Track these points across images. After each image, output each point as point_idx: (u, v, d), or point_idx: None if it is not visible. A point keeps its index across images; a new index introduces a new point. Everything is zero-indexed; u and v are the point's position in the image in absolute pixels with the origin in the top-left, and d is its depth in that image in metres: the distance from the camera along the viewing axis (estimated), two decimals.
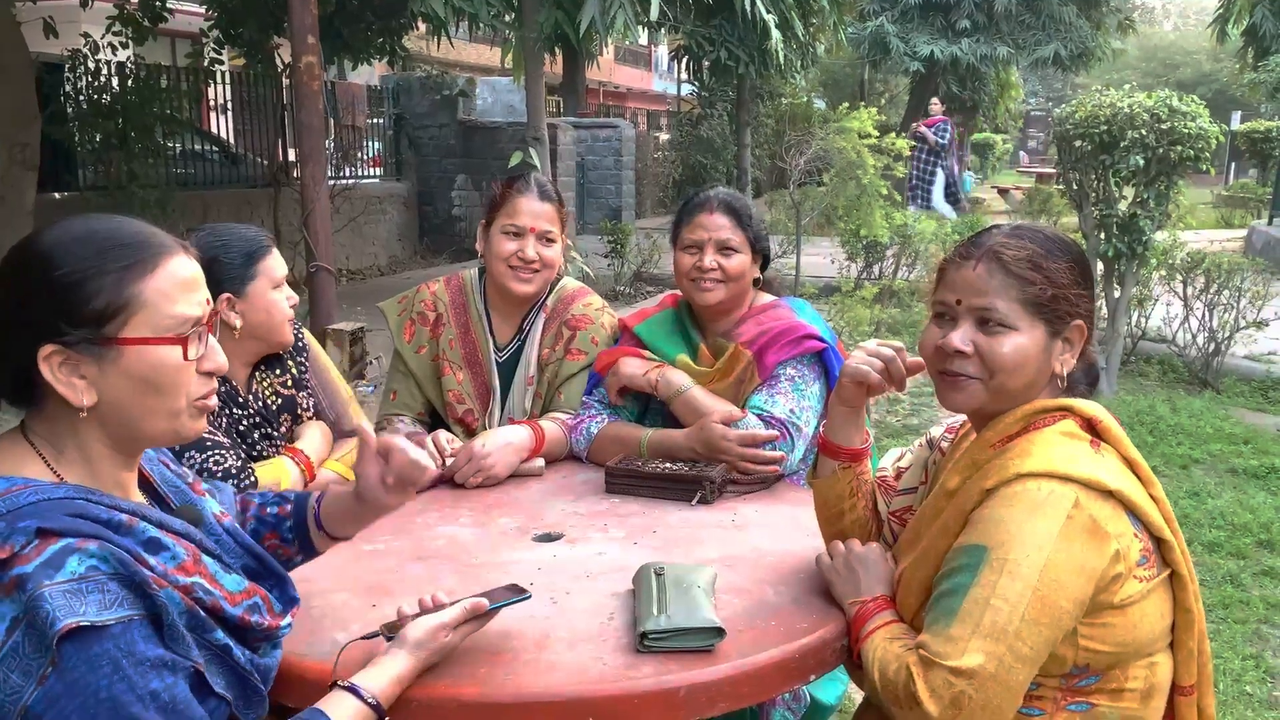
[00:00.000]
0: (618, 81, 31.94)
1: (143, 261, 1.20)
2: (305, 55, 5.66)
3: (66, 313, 1.17)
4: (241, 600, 1.28)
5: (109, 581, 1.10)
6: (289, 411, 2.26)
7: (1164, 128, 5.95)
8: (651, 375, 2.34)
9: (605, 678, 1.39)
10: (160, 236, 1.25)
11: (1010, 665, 1.33)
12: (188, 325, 1.22)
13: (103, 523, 1.15)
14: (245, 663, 1.25)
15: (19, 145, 7.35)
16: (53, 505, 1.13)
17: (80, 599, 1.07)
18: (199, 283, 1.26)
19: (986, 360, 1.49)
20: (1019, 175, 28.83)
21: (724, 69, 13.54)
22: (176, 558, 1.22)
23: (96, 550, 1.11)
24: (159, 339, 1.20)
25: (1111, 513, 1.39)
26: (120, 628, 1.09)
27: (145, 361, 1.20)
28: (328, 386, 2.38)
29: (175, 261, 1.23)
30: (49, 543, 1.10)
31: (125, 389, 1.20)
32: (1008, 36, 18.75)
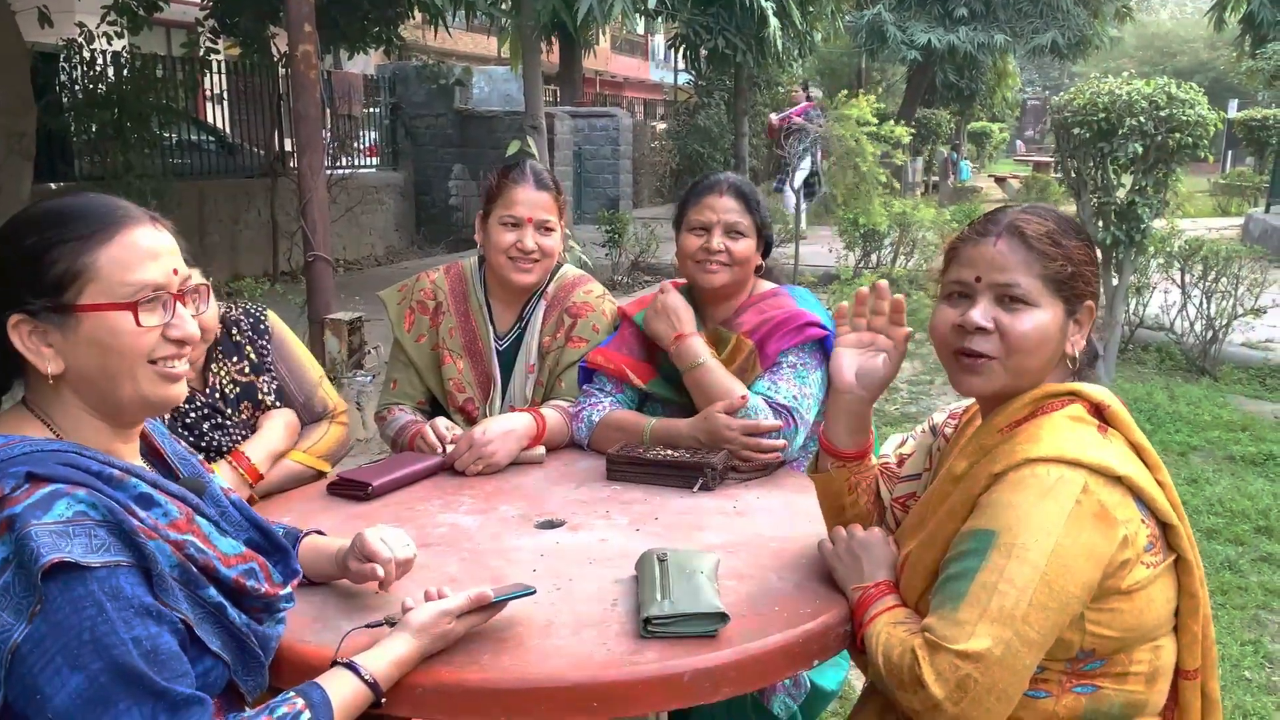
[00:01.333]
0: (614, 71, 31.85)
1: (101, 230, 1.24)
2: (301, 44, 5.64)
3: (30, 282, 1.21)
4: (236, 563, 1.31)
5: (97, 528, 1.14)
6: (249, 399, 2.25)
7: (1162, 115, 5.94)
8: (671, 345, 2.32)
9: (609, 663, 1.39)
10: (125, 209, 1.28)
11: (1017, 649, 1.33)
12: (146, 291, 1.24)
13: (93, 474, 1.19)
14: (241, 625, 1.28)
15: (15, 135, 7.33)
16: (44, 456, 1.18)
17: (67, 539, 1.11)
18: (165, 252, 1.28)
19: (1008, 337, 1.47)
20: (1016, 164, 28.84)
21: (721, 58, 13.49)
22: (169, 515, 1.25)
23: (85, 496, 1.15)
24: (112, 305, 1.23)
25: (1120, 498, 1.39)
26: (106, 571, 1.12)
27: (103, 327, 1.23)
28: (294, 369, 2.36)
29: (137, 231, 1.26)
30: (39, 487, 1.14)
31: (87, 355, 1.23)
32: (1005, 25, 18.70)
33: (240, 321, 2.31)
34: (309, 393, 2.36)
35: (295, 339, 2.42)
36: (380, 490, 2.08)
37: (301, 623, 1.50)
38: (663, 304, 2.37)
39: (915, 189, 19.88)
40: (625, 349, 2.46)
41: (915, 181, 20.65)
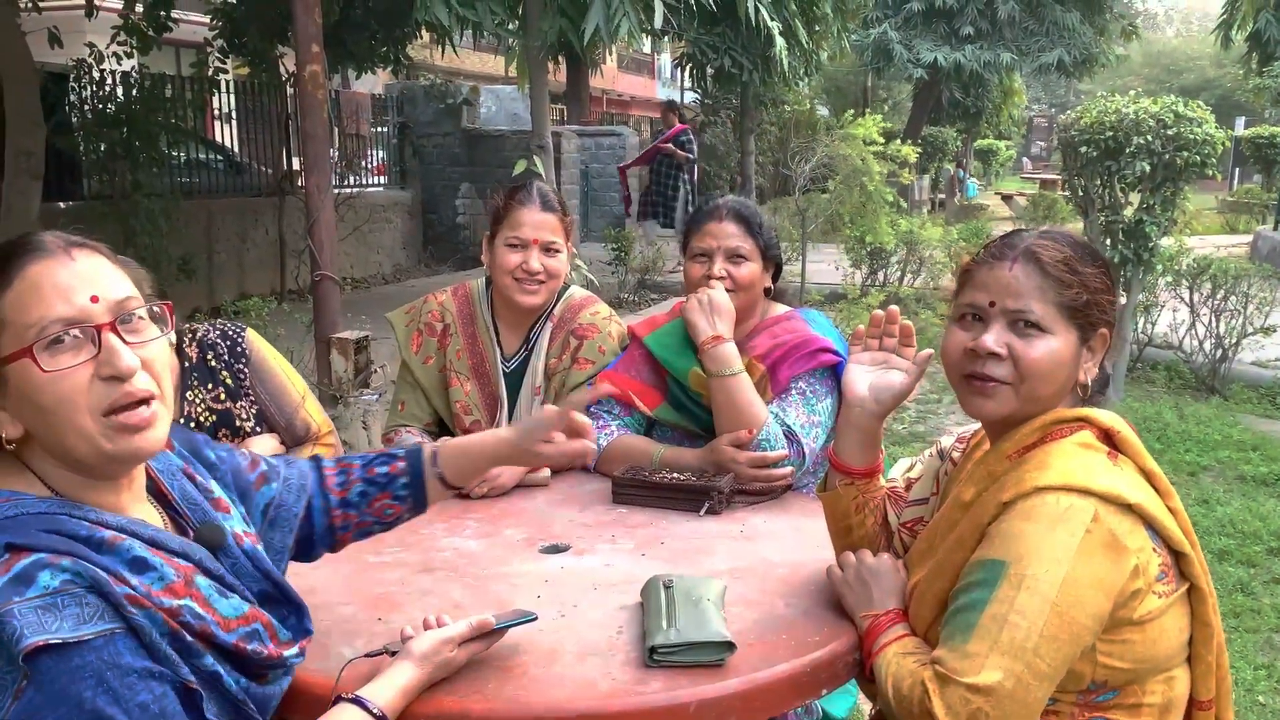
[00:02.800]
0: (621, 89, 31.95)
1: (3, 275, 1.13)
2: (309, 64, 5.65)
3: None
4: (237, 626, 1.22)
5: (87, 594, 1.07)
6: (226, 426, 2.17)
7: (1169, 133, 5.94)
8: (707, 345, 2.23)
9: (614, 693, 1.38)
10: (32, 244, 1.15)
11: (1028, 682, 1.31)
12: (53, 328, 1.11)
13: (81, 539, 1.11)
14: (237, 692, 1.20)
15: (24, 154, 7.36)
16: (29, 520, 1.10)
17: (55, 614, 1.04)
18: (78, 282, 1.14)
19: (1020, 364, 1.45)
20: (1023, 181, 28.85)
21: (728, 76, 13.54)
22: (164, 578, 1.16)
23: (70, 565, 1.07)
24: (17, 352, 1.10)
25: (1131, 527, 1.37)
26: (102, 641, 1.06)
27: (21, 379, 1.11)
28: (274, 391, 2.25)
29: (39, 266, 1.13)
30: (19, 557, 1.06)
31: (27, 413, 1.13)
32: (1011, 43, 18.75)
33: (217, 345, 2.21)
34: (290, 415, 2.26)
35: (276, 357, 2.31)
36: None
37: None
38: (710, 299, 2.27)
39: (922, 207, 19.88)
40: (634, 372, 2.43)
41: (922, 199, 20.67)
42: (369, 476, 1.56)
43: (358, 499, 1.55)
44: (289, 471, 1.53)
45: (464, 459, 1.58)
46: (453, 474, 1.57)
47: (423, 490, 1.57)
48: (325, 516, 1.54)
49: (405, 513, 1.59)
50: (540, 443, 1.56)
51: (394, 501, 1.56)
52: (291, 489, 1.51)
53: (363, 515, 1.56)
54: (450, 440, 1.64)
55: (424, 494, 1.57)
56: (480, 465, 1.61)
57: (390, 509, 1.57)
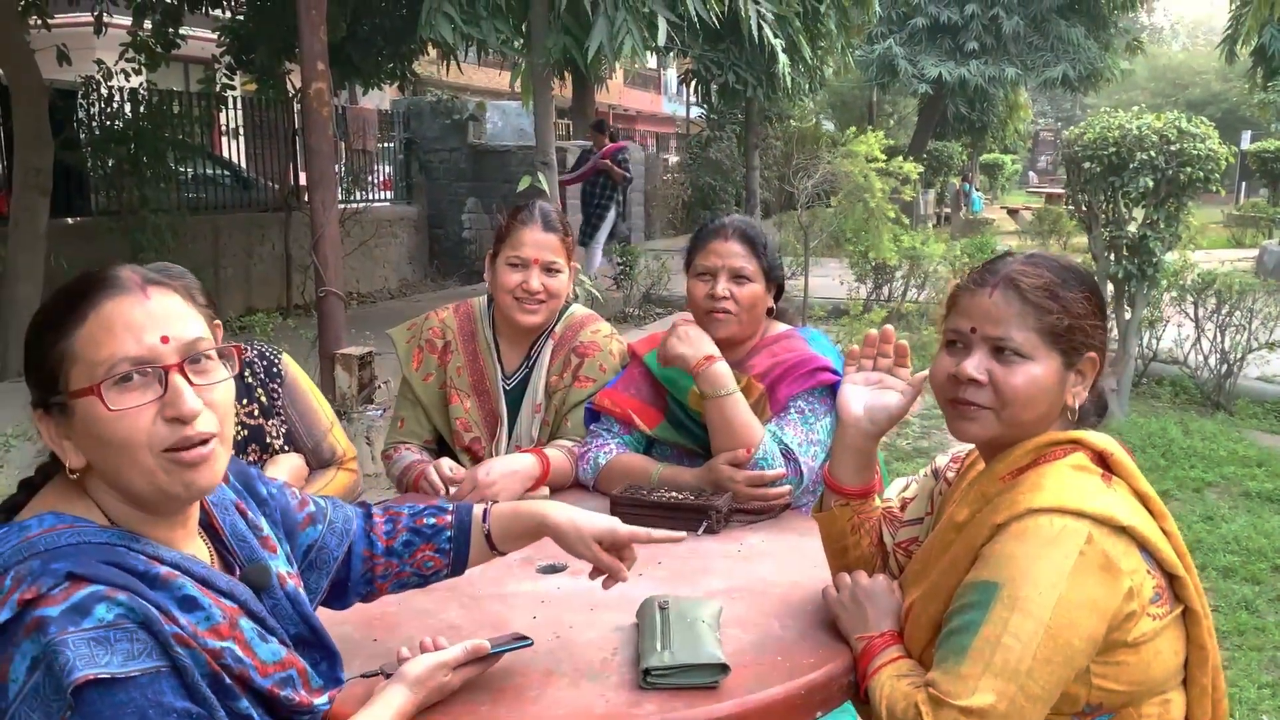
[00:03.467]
0: (627, 104, 32.09)
1: (77, 311, 1.15)
2: (315, 81, 5.70)
3: (36, 378, 1.16)
4: (274, 672, 1.22)
5: (138, 629, 1.08)
6: (256, 441, 2.23)
7: (1173, 149, 5.94)
8: (699, 367, 2.23)
9: (608, 716, 1.38)
10: (111, 279, 1.17)
11: (1021, 705, 1.31)
12: (121, 367, 1.12)
13: (138, 574, 1.12)
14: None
15: (32, 170, 7.42)
16: (90, 550, 1.11)
17: (107, 647, 1.05)
18: (150, 321, 1.15)
19: (1000, 390, 1.46)
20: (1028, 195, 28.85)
21: (732, 92, 13.60)
22: (211, 619, 1.17)
23: (125, 600, 1.08)
24: (85, 389, 1.12)
25: (1124, 549, 1.37)
26: (148, 679, 1.07)
27: (88, 415, 1.13)
28: (305, 414, 2.34)
29: (112, 304, 1.14)
30: (78, 588, 1.07)
31: (90, 446, 1.15)
32: (1016, 58, 18.80)
33: (254, 364, 2.30)
34: (318, 439, 2.35)
35: (309, 383, 2.40)
36: None
37: None
38: (684, 332, 2.28)
39: (927, 221, 19.88)
40: (633, 390, 2.43)
41: (927, 214, 20.67)
42: (416, 526, 1.57)
43: (402, 548, 1.56)
44: (335, 514, 1.54)
45: (515, 523, 1.58)
46: (499, 535, 1.57)
47: (466, 545, 1.57)
48: (365, 564, 1.54)
49: (445, 568, 1.58)
50: (590, 546, 1.55)
51: (436, 554, 1.57)
52: (335, 532, 1.52)
53: (403, 565, 1.56)
54: (504, 504, 1.63)
55: (467, 549, 1.57)
56: (529, 535, 1.59)
57: (431, 561, 1.57)
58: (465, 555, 1.57)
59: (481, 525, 1.57)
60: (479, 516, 1.58)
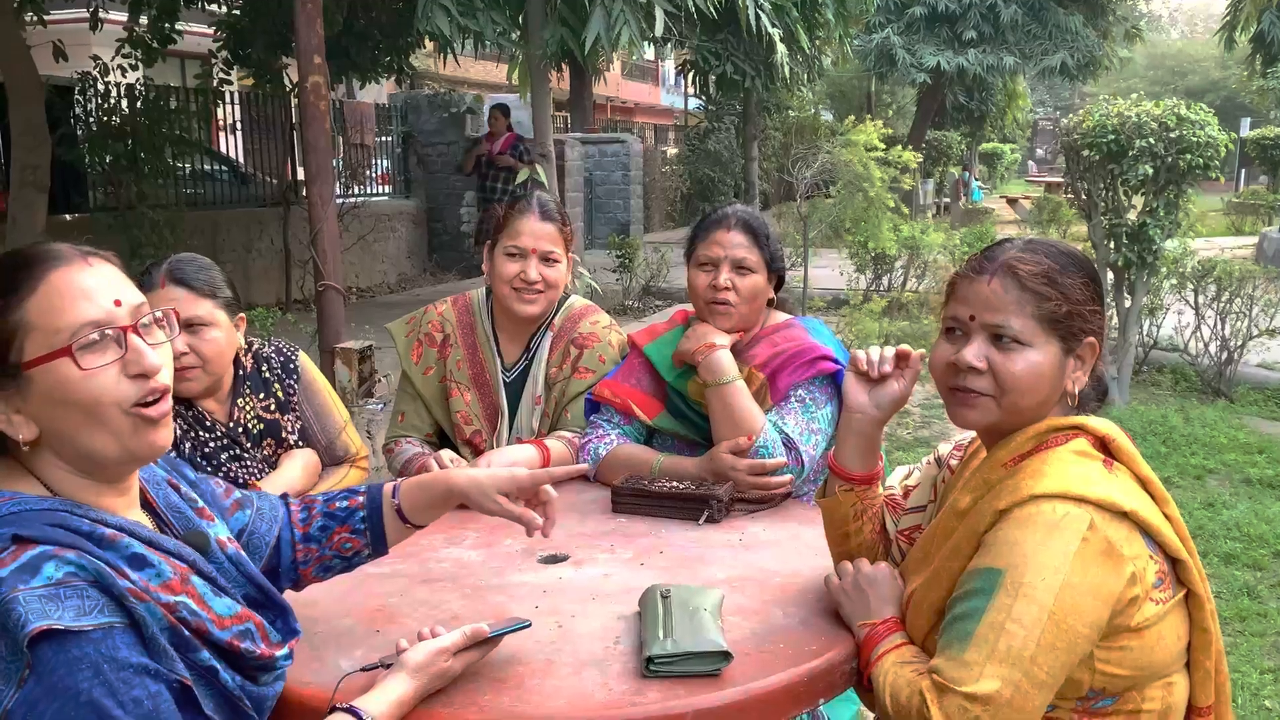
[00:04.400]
0: (625, 96, 32.03)
1: (25, 282, 1.18)
2: (311, 75, 5.68)
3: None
4: (231, 625, 1.26)
5: (89, 588, 1.10)
6: (272, 435, 2.26)
7: (1172, 136, 5.94)
8: (700, 355, 2.25)
9: (610, 704, 1.37)
10: (47, 253, 1.21)
11: (1026, 691, 1.31)
12: (86, 331, 1.17)
13: (84, 534, 1.15)
14: (234, 688, 1.23)
15: (30, 167, 7.40)
16: (32, 515, 1.14)
17: (58, 604, 1.07)
18: (100, 287, 1.20)
19: (1000, 377, 1.46)
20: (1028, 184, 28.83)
21: (730, 83, 13.57)
22: (161, 575, 1.20)
23: (74, 558, 1.11)
24: (50, 354, 1.16)
25: (1127, 534, 1.36)
26: (101, 633, 1.09)
27: (51, 380, 1.17)
28: (320, 411, 2.37)
29: (62, 273, 1.19)
30: (25, 549, 1.10)
31: (51, 414, 1.18)
32: (1014, 46, 18.74)
33: (271, 359, 2.33)
34: (331, 436, 2.38)
35: (324, 382, 2.44)
36: None
37: (300, 663, 1.47)
38: (691, 331, 2.33)
39: (927, 211, 19.87)
40: (633, 380, 2.43)
41: (926, 203, 20.65)
42: (329, 510, 1.59)
43: (318, 533, 1.58)
44: (261, 502, 1.57)
45: (422, 495, 1.59)
46: (409, 508, 1.58)
47: (380, 523, 1.58)
48: (290, 549, 1.57)
49: (365, 548, 1.60)
50: (494, 499, 1.56)
51: (353, 535, 1.58)
52: (264, 518, 1.55)
53: (323, 549, 1.58)
54: (411, 478, 1.64)
55: (382, 527, 1.59)
56: (437, 504, 1.60)
57: (349, 542, 1.58)
58: (382, 532, 1.59)
59: (392, 501, 1.59)
60: (389, 493, 1.60)
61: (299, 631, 1.40)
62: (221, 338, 2.14)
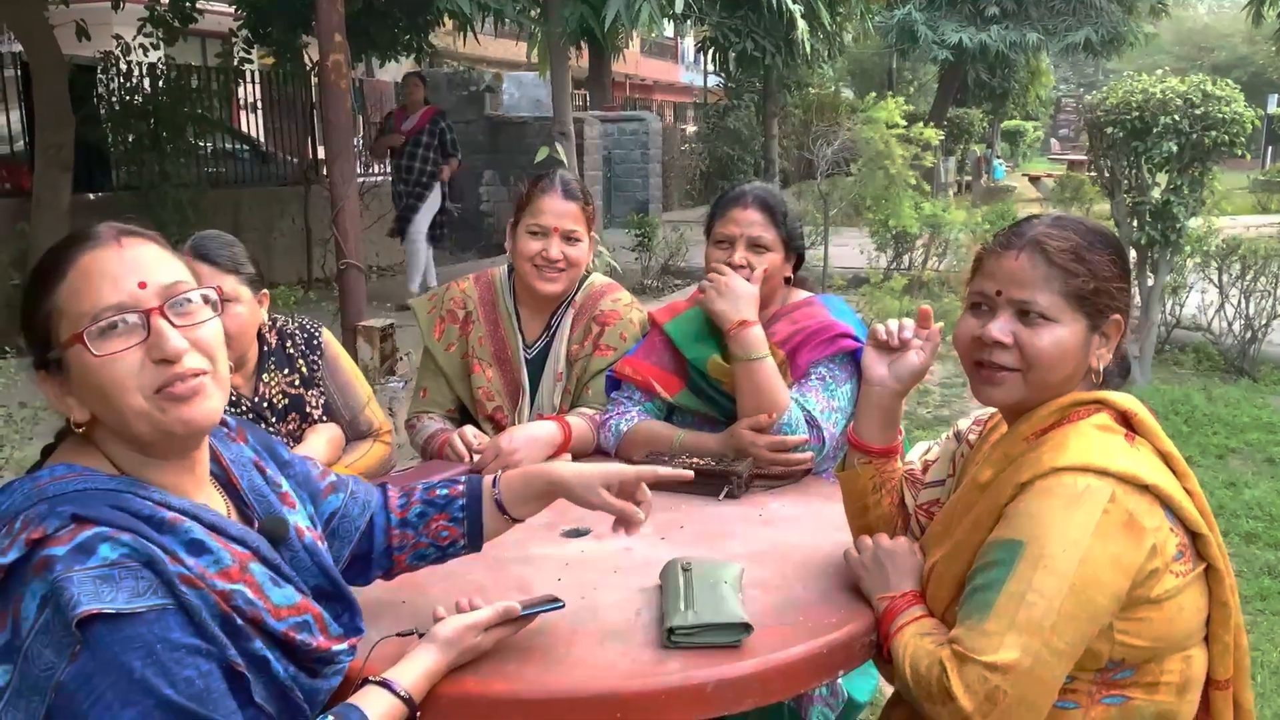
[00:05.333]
0: (644, 74, 31.87)
1: (61, 265, 1.19)
2: (332, 54, 5.69)
3: (30, 340, 1.20)
4: (287, 615, 1.25)
5: (142, 569, 1.11)
6: (297, 410, 2.30)
7: (1198, 113, 5.87)
8: (735, 328, 2.23)
9: (633, 674, 1.40)
10: (86, 235, 1.20)
11: (1046, 660, 1.32)
12: (106, 314, 1.15)
13: (144, 518, 1.15)
14: (286, 679, 1.23)
15: (54, 147, 7.46)
16: (97, 495, 1.15)
17: (112, 585, 1.08)
18: (125, 270, 1.18)
19: (1026, 353, 1.46)
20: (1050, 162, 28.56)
21: (750, 60, 13.49)
22: (220, 562, 1.20)
23: (129, 541, 1.12)
24: (70, 340, 1.16)
25: (1148, 507, 1.37)
26: (154, 615, 1.10)
27: (79, 365, 1.17)
28: (344, 387, 2.42)
29: (88, 256, 1.18)
30: (83, 529, 1.11)
31: (88, 397, 1.18)
32: (1037, 22, 18.52)
33: (295, 335, 2.37)
34: (355, 411, 2.42)
35: (347, 358, 2.47)
36: None
37: None
38: (728, 285, 2.26)
39: (948, 189, 19.72)
40: (654, 358, 2.44)
41: (948, 181, 20.49)
42: (429, 498, 1.59)
43: (416, 519, 1.58)
44: (356, 487, 1.57)
45: (523, 487, 1.58)
46: (509, 499, 1.58)
47: (479, 513, 1.58)
48: (385, 535, 1.57)
49: (461, 538, 1.59)
50: (597, 492, 1.56)
51: (450, 524, 1.58)
52: (357, 502, 1.55)
53: (419, 536, 1.58)
54: (514, 470, 1.63)
55: (480, 517, 1.58)
56: (539, 496, 1.59)
57: (446, 530, 1.58)
58: (479, 523, 1.59)
59: (492, 492, 1.58)
60: (489, 484, 1.60)
61: (363, 630, 1.40)
62: (245, 313, 2.17)
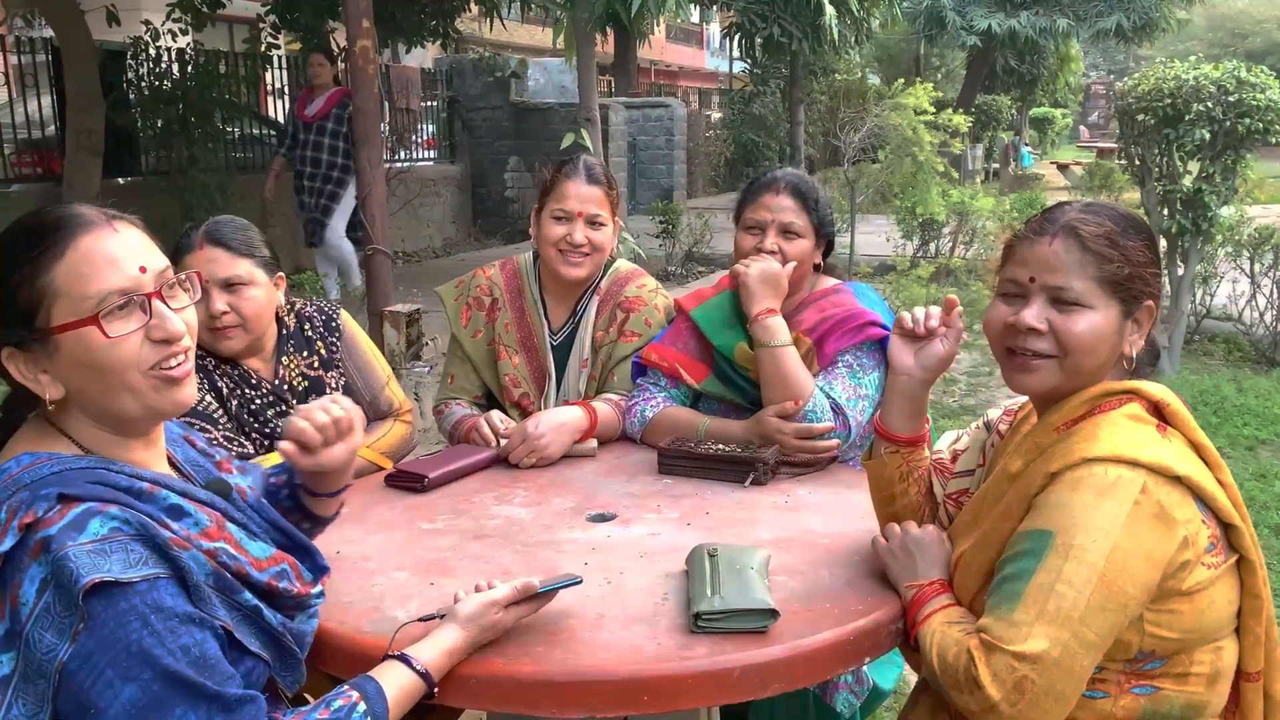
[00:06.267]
0: (670, 60, 31.78)
1: (52, 246, 1.19)
2: (360, 39, 5.71)
3: (3, 314, 1.20)
4: (268, 566, 1.31)
5: (132, 541, 1.14)
6: (317, 392, 2.31)
7: (1231, 100, 5.79)
8: (759, 316, 2.23)
9: (659, 658, 1.40)
10: (76, 217, 1.22)
11: (1074, 651, 1.31)
12: (113, 299, 1.20)
13: (123, 489, 1.19)
14: (277, 624, 1.29)
15: (84, 131, 7.53)
16: (74, 474, 1.18)
17: (105, 557, 1.11)
18: (126, 253, 1.22)
19: (1061, 339, 1.45)
20: (1079, 150, 28.23)
21: (777, 46, 13.41)
22: (199, 524, 1.25)
23: (117, 513, 1.15)
24: (78, 321, 1.19)
25: (1179, 499, 1.36)
26: (146, 585, 1.13)
27: (79, 346, 1.19)
28: (363, 368, 2.43)
29: (90, 238, 1.21)
30: (71, 507, 1.13)
31: (77, 376, 1.21)
32: (1068, 8, 18.31)
33: (313, 318, 2.38)
34: (375, 391, 2.43)
35: (366, 339, 2.48)
36: (436, 482, 2.11)
37: (358, 613, 1.53)
38: (764, 270, 2.26)
39: (975, 176, 19.56)
40: (680, 345, 2.44)
41: (975, 169, 20.32)
42: (268, 486, 1.61)
43: None
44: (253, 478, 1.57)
45: None
46: (309, 479, 1.56)
47: (300, 499, 1.59)
48: None
49: (304, 521, 1.60)
50: None
51: (287, 511, 1.58)
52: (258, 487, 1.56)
53: None
54: None
55: (302, 503, 1.59)
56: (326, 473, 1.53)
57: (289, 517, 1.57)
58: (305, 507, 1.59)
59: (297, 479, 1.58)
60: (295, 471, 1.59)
61: (328, 568, 1.46)
62: (261, 296, 2.18)
